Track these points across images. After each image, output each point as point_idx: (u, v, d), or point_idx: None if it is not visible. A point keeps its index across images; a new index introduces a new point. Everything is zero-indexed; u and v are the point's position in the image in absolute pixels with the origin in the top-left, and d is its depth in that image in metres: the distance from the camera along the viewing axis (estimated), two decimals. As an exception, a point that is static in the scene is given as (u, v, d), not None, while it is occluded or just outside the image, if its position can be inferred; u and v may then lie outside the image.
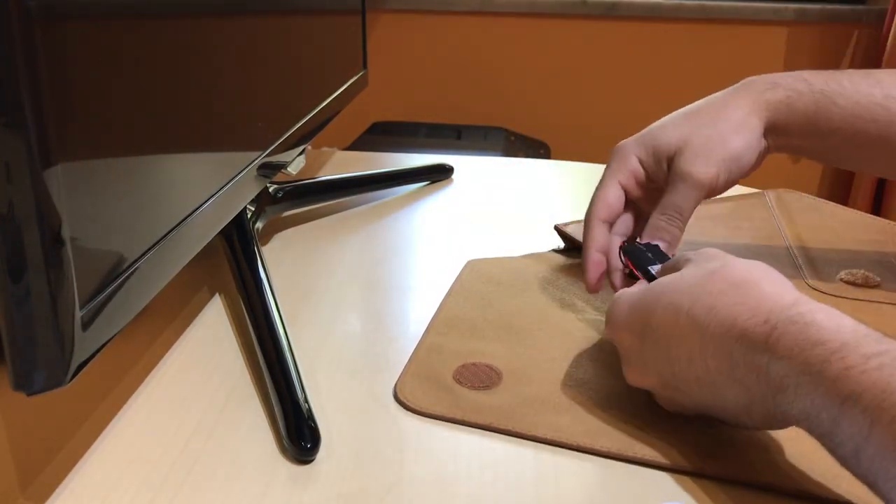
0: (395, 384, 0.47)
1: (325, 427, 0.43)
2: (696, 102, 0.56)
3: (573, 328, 0.54)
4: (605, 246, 0.54)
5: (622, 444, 0.42)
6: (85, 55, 0.33)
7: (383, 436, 0.43)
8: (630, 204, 0.56)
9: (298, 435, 0.41)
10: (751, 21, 1.92)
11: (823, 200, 0.76)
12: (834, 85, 0.53)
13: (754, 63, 1.95)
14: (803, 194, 0.78)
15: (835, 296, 0.58)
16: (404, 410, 0.45)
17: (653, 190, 0.55)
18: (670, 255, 0.51)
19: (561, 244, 0.68)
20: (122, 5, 0.36)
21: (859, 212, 0.74)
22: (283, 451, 0.42)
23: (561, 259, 0.66)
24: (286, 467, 0.40)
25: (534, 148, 1.87)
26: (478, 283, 0.61)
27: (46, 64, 0.30)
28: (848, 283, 0.60)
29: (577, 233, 0.67)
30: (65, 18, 0.31)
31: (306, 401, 0.44)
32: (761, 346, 0.35)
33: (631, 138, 0.56)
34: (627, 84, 2.00)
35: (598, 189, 0.55)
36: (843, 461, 0.33)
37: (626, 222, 0.56)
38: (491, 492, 0.39)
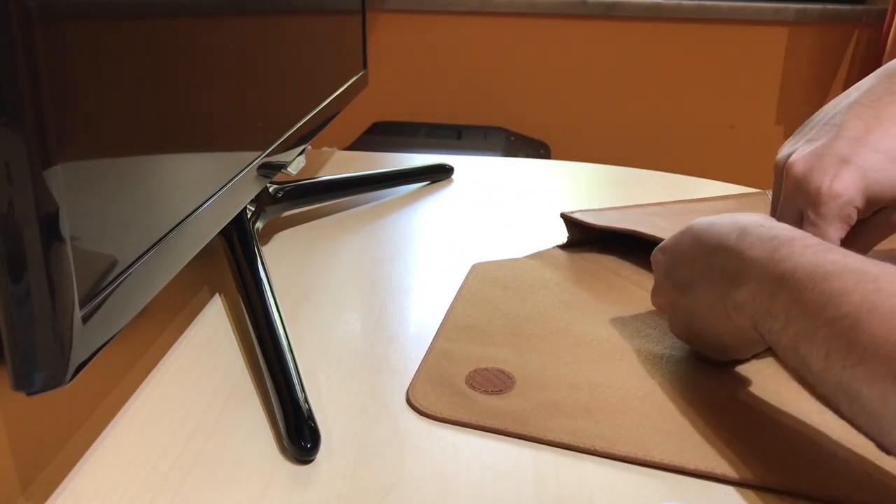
0: (408, 390, 0.47)
1: (325, 427, 0.43)
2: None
3: (582, 332, 0.54)
4: None
5: (639, 447, 0.42)
6: (85, 55, 0.33)
7: (383, 436, 0.43)
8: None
9: (298, 435, 0.41)
10: (751, 21, 1.92)
11: None
12: None
13: (754, 63, 1.95)
14: None
15: None
16: (405, 411, 0.45)
17: None
18: None
19: (563, 239, 0.68)
20: (122, 5, 0.36)
21: None
22: (283, 451, 0.42)
23: (565, 257, 0.66)
24: (286, 467, 0.41)
25: (534, 148, 1.88)
26: (484, 287, 0.61)
27: (46, 64, 0.30)
28: None
29: (583, 219, 0.67)
30: (65, 18, 0.31)
31: (306, 401, 0.44)
32: (733, 243, 0.43)
33: (853, 186, 0.47)
34: (627, 84, 2.00)
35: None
36: (777, 335, 0.39)
37: None
38: (491, 492, 0.39)
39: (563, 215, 0.69)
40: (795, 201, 0.49)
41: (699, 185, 0.85)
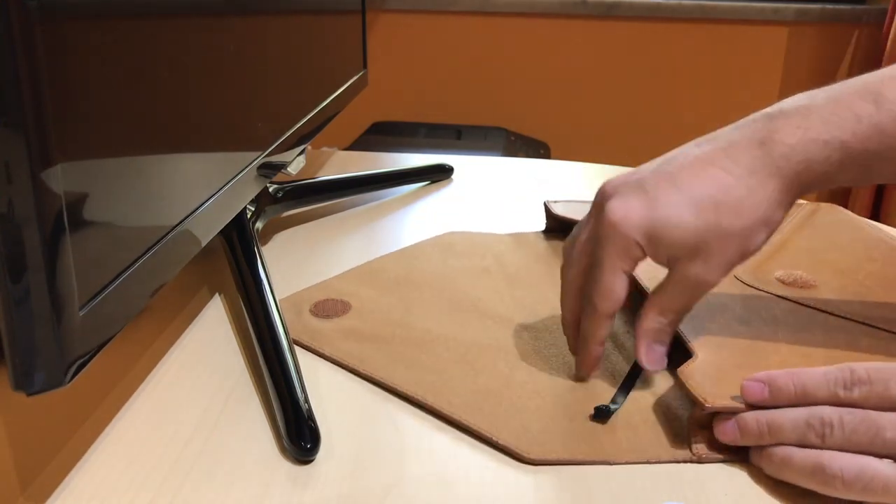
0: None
1: (325, 427, 0.43)
2: (714, 170, 0.43)
3: (471, 297, 0.57)
4: (605, 338, 0.46)
5: (418, 386, 0.46)
6: (85, 55, 0.33)
7: (383, 436, 0.43)
8: None
9: (298, 435, 0.41)
10: (751, 21, 1.92)
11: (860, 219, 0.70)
12: (877, 141, 0.42)
13: (754, 63, 1.95)
14: (842, 209, 0.71)
15: (757, 288, 0.55)
16: (404, 411, 0.45)
17: None
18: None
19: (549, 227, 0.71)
20: (123, 5, 0.36)
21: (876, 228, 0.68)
22: (283, 451, 0.42)
23: (536, 240, 0.68)
24: (286, 467, 0.41)
25: (534, 148, 1.87)
26: (429, 247, 0.66)
27: (46, 64, 0.30)
28: (781, 281, 0.57)
29: (567, 212, 0.69)
30: (65, 18, 0.31)
31: (306, 401, 0.44)
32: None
33: (634, 215, 0.43)
34: (627, 84, 2.00)
35: (601, 276, 0.44)
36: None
37: None
38: (491, 492, 0.39)
39: (546, 204, 0.71)
40: (590, 220, 0.46)
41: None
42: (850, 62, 1.92)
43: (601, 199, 0.45)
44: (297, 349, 0.52)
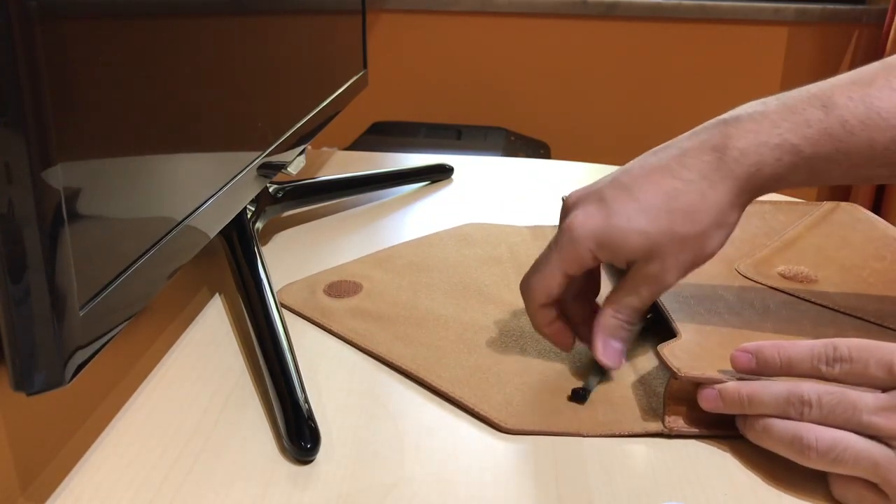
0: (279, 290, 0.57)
1: (325, 427, 0.43)
2: (668, 178, 0.44)
3: (477, 283, 0.59)
4: (554, 317, 0.48)
5: (413, 361, 0.48)
6: (85, 55, 0.33)
7: (383, 436, 0.43)
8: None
9: (298, 435, 0.41)
10: (751, 21, 1.92)
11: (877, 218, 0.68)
12: (827, 145, 0.43)
13: (754, 63, 1.95)
14: (860, 208, 0.69)
15: (756, 281, 0.55)
16: (404, 411, 0.45)
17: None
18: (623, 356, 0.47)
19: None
20: (123, 5, 0.36)
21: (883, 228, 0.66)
22: (283, 451, 0.42)
23: (549, 238, 0.68)
24: (286, 467, 0.41)
25: (534, 148, 1.87)
26: (445, 238, 0.67)
27: (46, 64, 0.29)
28: (783, 276, 0.56)
29: None
30: (65, 18, 0.31)
31: (306, 401, 0.44)
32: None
33: (591, 223, 0.45)
34: (627, 84, 2.00)
35: (541, 269, 0.47)
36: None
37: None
38: (491, 492, 0.39)
39: (563, 199, 0.70)
40: (557, 232, 0.47)
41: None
42: (850, 62, 1.92)
43: (565, 211, 0.48)
44: (308, 325, 0.54)
